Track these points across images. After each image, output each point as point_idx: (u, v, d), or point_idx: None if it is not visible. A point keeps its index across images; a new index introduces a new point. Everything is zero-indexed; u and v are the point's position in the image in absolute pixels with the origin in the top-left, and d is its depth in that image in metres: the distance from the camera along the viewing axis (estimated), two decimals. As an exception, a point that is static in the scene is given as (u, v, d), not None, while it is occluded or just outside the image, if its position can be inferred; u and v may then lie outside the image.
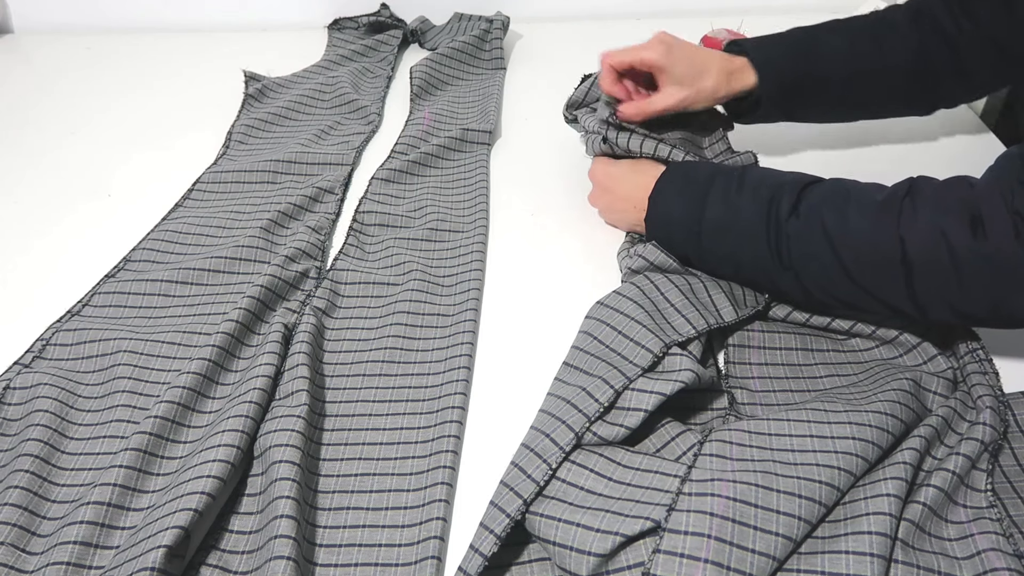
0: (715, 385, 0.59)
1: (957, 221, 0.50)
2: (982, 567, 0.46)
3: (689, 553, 0.44)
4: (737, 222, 0.59)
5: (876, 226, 0.53)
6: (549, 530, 0.47)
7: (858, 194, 0.56)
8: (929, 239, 0.51)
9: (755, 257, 0.59)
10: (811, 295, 0.58)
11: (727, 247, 0.61)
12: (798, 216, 0.56)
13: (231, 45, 1.19)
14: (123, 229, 0.81)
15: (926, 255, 0.51)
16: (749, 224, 0.59)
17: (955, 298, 0.52)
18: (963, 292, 0.51)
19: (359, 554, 0.50)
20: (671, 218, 0.64)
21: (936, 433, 0.52)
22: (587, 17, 1.20)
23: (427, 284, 0.70)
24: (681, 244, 0.64)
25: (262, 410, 0.56)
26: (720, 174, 0.63)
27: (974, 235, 0.50)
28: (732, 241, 0.60)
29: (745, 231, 0.59)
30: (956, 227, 0.50)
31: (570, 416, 0.52)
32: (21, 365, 0.65)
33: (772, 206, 0.58)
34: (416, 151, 0.88)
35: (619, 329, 0.58)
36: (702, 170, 0.64)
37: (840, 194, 0.56)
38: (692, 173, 0.65)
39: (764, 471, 0.48)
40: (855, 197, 0.55)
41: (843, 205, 0.55)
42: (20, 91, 1.11)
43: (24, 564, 0.50)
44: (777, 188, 0.58)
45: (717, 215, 0.60)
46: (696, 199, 0.62)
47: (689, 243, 0.63)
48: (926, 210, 0.52)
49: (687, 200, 0.63)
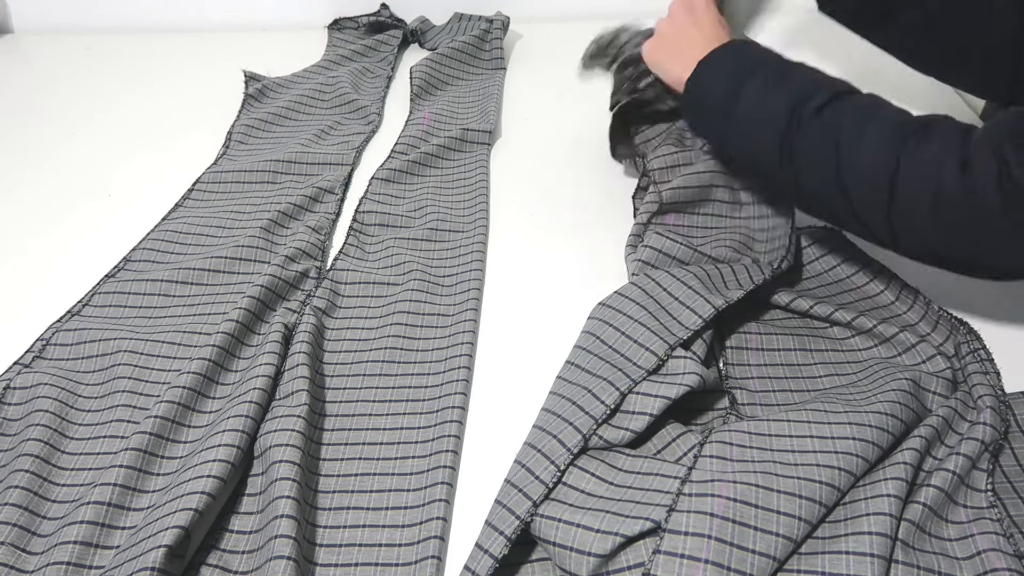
0: (716, 385, 0.59)
1: (952, 160, 0.51)
2: (982, 567, 0.46)
3: (689, 554, 0.44)
4: (765, 111, 0.61)
5: (882, 148, 0.54)
6: (549, 531, 0.47)
7: (883, 114, 0.56)
8: (923, 174, 0.52)
9: (767, 147, 0.60)
10: (802, 198, 0.61)
11: (747, 130, 0.62)
12: (821, 118, 0.57)
13: (231, 45, 1.19)
14: (123, 229, 0.81)
15: (913, 186, 0.52)
16: (774, 115, 0.60)
17: (925, 231, 0.53)
18: (934, 227, 0.52)
19: (359, 554, 0.50)
20: (711, 88, 0.65)
21: (936, 433, 0.52)
22: (587, 17, 1.20)
23: (427, 284, 0.70)
24: (711, 116, 0.66)
25: (262, 410, 0.56)
26: (771, 60, 0.64)
27: (961, 176, 0.51)
28: (753, 127, 0.62)
29: (768, 120, 0.60)
30: (948, 166, 0.51)
31: (576, 418, 0.52)
32: (21, 365, 0.65)
33: (801, 103, 0.59)
34: (416, 151, 0.88)
35: (622, 330, 0.58)
36: (756, 53, 0.65)
37: (867, 109, 0.57)
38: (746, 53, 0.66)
39: (764, 471, 0.48)
40: (878, 116, 0.56)
41: (865, 120, 0.56)
42: (20, 91, 1.11)
43: (24, 564, 0.50)
44: (814, 88, 0.59)
45: (750, 99, 0.62)
46: (739, 77, 0.63)
47: (717, 118, 0.65)
48: (930, 146, 0.53)
49: (731, 77, 0.64)
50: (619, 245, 0.73)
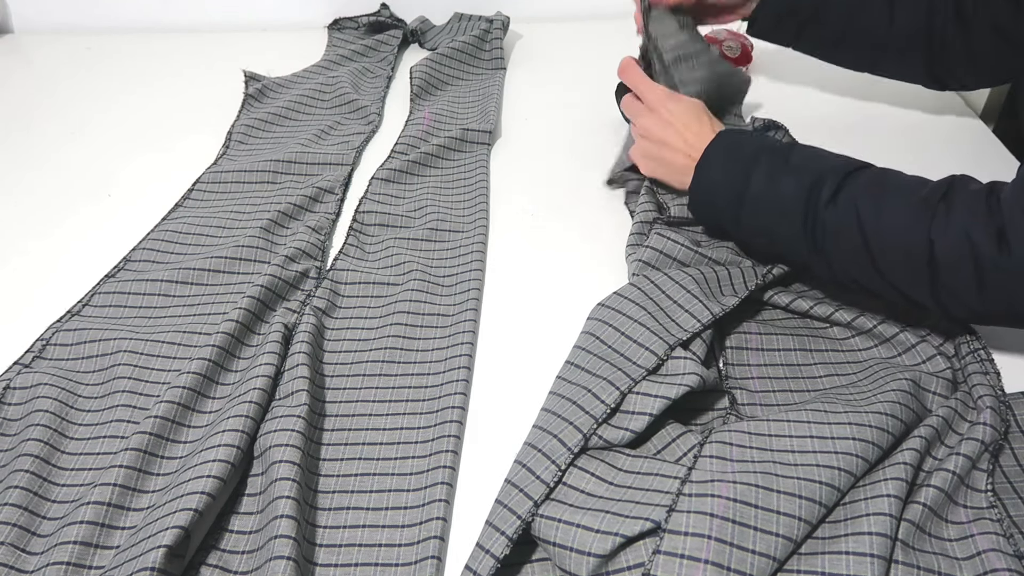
0: (716, 385, 0.59)
1: (984, 231, 0.51)
2: (982, 567, 0.46)
3: (689, 554, 0.44)
4: (777, 200, 0.61)
5: (909, 224, 0.54)
6: (549, 531, 0.47)
7: (898, 188, 0.56)
8: (957, 245, 0.52)
9: (790, 236, 0.60)
10: (837, 278, 0.60)
11: (764, 221, 0.62)
12: (836, 205, 0.57)
13: (231, 45, 1.19)
14: (123, 229, 0.81)
15: (952, 260, 0.52)
16: (788, 204, 0.60)
17: (975, 302, 0.54)
18: (983, 298, 0.53)
19: (359, 554, 0.50)
20: (715, 189, 0.65)
21: (936, 433, 0.52)
22: (587, 17, 1.20)
23: (427, 284, 0.70)
24: (721, 213, 0.65)
25: (262, 410, 0.56)
26: (766, 151, 0.64)
27: (999, 248, 0.51)
28: (770, 218, 0.62)
29: (783, 210, 0.60)
30: (983, 237, 0.51)
31: (577, 417, 0.52)
32: (21, 365, 0.65)
33: (813, 191, 0.58)
34: (416, 151, 0.88)
35: (622, 330, 0.58)
36: (749, 144, 0.65)
37: (880, 186, 0.57)
38: (738, 145, 0.66)
39: (764, 472, 0.48)
40: (894, 191, 0.56)
41: (880, 198, 0.56)
42: (20, 91, 1.11)
43: (24, 564, 0.50)
44: (820, 174, 0.59)
45: (759, 191, 0.62)
46: (741, 172, 0.63)
47: (728, 213, 0.64)
48: (958, 216, 0.53)
49: (733, 173, 0.64)
50: (619, 245, 0.73)
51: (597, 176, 0.84)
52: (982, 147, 0.85)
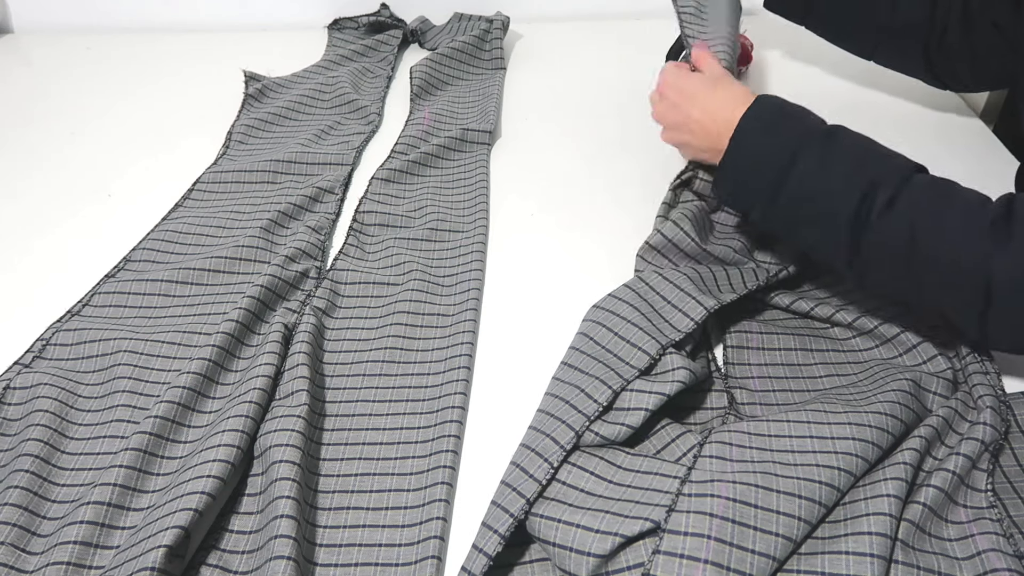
0: (712, 384, 0.59)
1: None
2: (982, 567, 0.46)
3: (689, 554, 0.44)
4: (826, 192, 0.54)
5: (969, 246, 0.50)
6: (549, 531, 0.47)
7: (957, 204, 0.52)
8: (1019, 276, 0.49)
9: (829, 234, 0.55)
10: (864, 284, 0.56)
11: (805, 213, 0.55)
12: (892, 212, 0.52)
13: (231, 45, 1.19)
14: (123, 229, 0.81)
15: (1011, 291, 0.49)
16: (838, 199, 0.53)
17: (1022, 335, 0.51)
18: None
19: (359, 554, 0.50)
20: (754, 161, 0.57)
21: (936, 433, 0.52)
22: (587, 17, 1.20)
23: (427, 284, 0.70)
24: (754, 193, 0.58)
25: (262, 410, 0.56)
26: (818, 130, 0.56)
27: None
28: (814, 209, 0.55)
29: (830, 204, 0.54)
30: None
31: (569, 416, 0.52)
32: (21, 365, 0.65)
33: (869, 191, 0.53)
34: (416, 151, 0.88)
35: (615, 331, 0.58)
36: (792, 118, 0.57)
37: (940, 200, 0.52)
38: (781, 119, 0.58)
39: (764, 472, 0.48)
40: (954, 208, 0.51)
41: (941, 214, 0.51)
42: (20, 91, 1.11)
43: (24, 564, 0.50)
44: (878, 172, 0.53)
45: (808, 174, 0.54)
46: (786, 150, 0.55)
47: (763, 194, 0.57)
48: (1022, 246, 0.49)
49: (777, 148, 0.56)
50: (619, 245, 0.73)
51: (597, 176, 0.84)
52: (982, 147, 0.85)
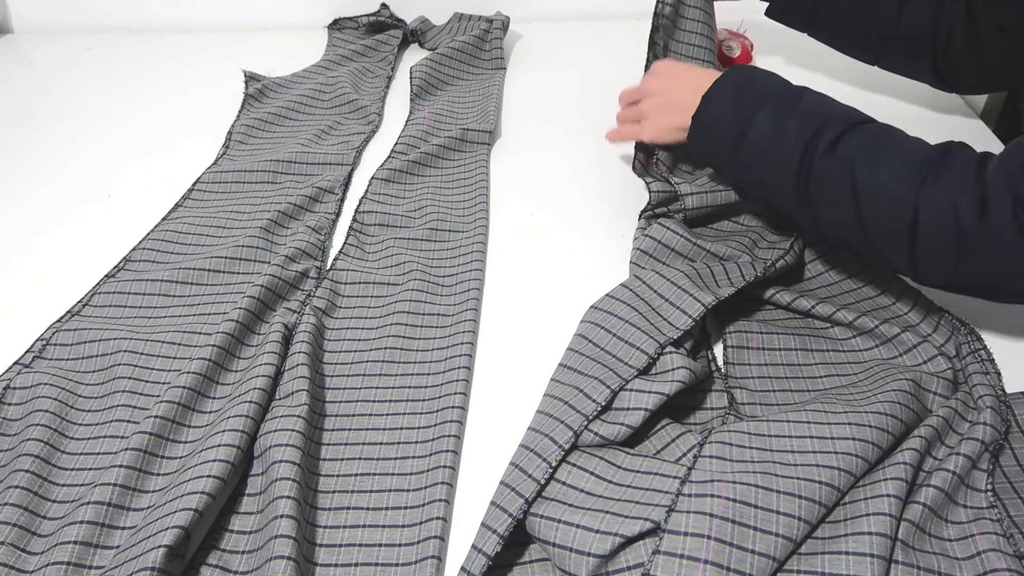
0: (712, 384, 0.59)
1: (969, 200, 0.51)
2: (982, 568, 0.46)
3: (689, 554, 0.44)
4: (777, 144, 0.60)
5: (899, 184, 0.54)
6: (549, 531, 0.47)
7: (896, 147, 0.56)
8: (941, 212, 0.52)
9: (783, 181, 0.60)
10: (822, 233, 0.60)
11: (760, 164, 0.61)
12: (833, 154, 0.57)
13: (231, 45, 1.19)
14: (123, 229, 0.81)
15: (934, 226, 0.53)
16: (787, 149, 0.59)
17: (950, 271, 0.54)
18: (959, 266, 0.53)
19: (359, 554, 0.50)
20: (719, 121, 0.64)
21: (936, 433, 0.52)
22: (587, 17, 1.20)
23: (427, 284, 0.70)
24: (721, 151, 0.64)
25: (262, 410, 0.56)
26: (778, 92, 0.62)
27: (980, 216, 0.51)
28: (766, 161, 0.61)
29: (781, 153, 0.59)
30: (967, 205, 0.51)
31: (568, 416, 0.52)
32: (21, 365, 0.65)
33: (813, 137, 0.58)
34: (416, 151, 0.88)
35: (613, 331, 0.58)
36: (762, 81, 0.64)
37: (879, 142, 0.56)
38: (752, 82, 0.64)
39: (764, 472, 0.48)
40: (892, 150, 0.56)
41: (877, 156, 0.55)
42: (20, 91, 1.11)
43: (24, 564, 0.50)
44: (824, 121, 0.58)
45: (762, 131, 0.61)
46: (747, 109, 0.62)
47: (727, 151, 0.63)
48: (946, 183, 0.53)
49: (739, 108, 0.63)
50: (618, 245, 0.73)
51: (597, 176, 0.84)
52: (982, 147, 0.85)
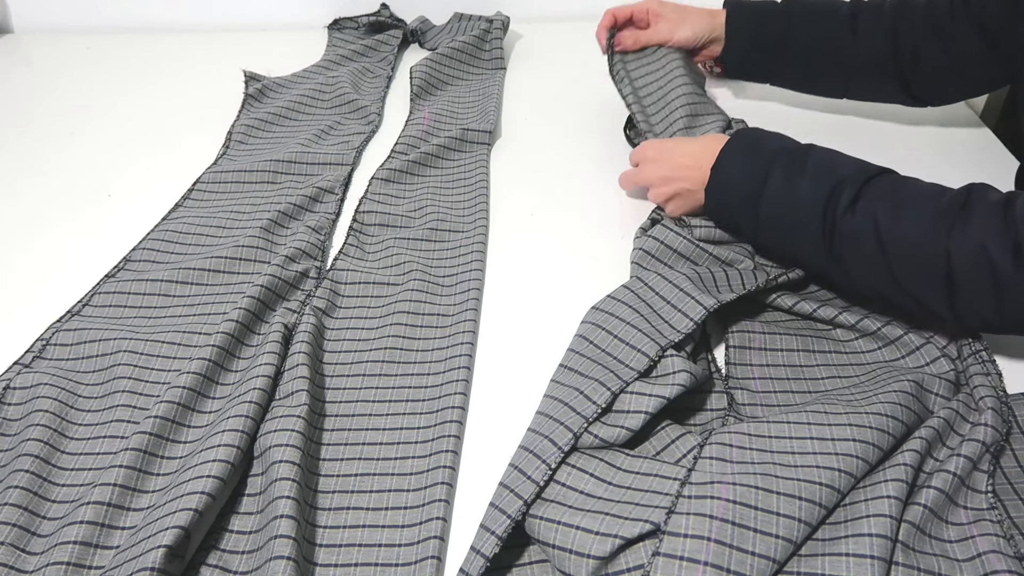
0: (713, 385, 0.59)
1: (1002, 245, 0.51)
2: (983, 569, 0.46)
3: (689, 556, 0.44)
4: (795, 205, 0.60)
5: (927, 236, 0.54)
6: (548, 533, 0.47)
7: (916, 197, 0.56)
8: (974, 258, 0.52)
9: (808, 243, 0.60)
10: (856, 286, 0.60)
11: (782, 226, 0.62)
12: (854, 214, 0.57)
13: (231, 45, 1.19)
14: (123, 229, 0.81)
15: (970, 273, 0.53)
16: (806, 209, 0.59)
17: (992, 315, 0.54)
18: (1000, 311, 0.53)
19: (359, 554, 0.50)
20: (732, 187, 0.64)
21: (937, 434, 0.52)
22: (587, 17, 1.20)
23: (427, 284, 0.70)
24: (738, 214, 0.65)
25: (262, 410, 0.56)
26: (785, 150, 0.63)
27: (1016, 261, 0.51)
28: (788, 222, 0.61)
29: (801, 216, 0.60)
30: (1000, 251, 0.51)
31: (568, 418, 0.52)
32: (21, 365, 0.65)
33: (831, 198, 0.58)
34: (416, 151, 0.88)
35: (614, 333, 0.58)
36: (768, 142, 0.64)
37: (898, 195, 0.56)
38: (757, 144, 0.65)
39: (764, 473, 0.47)
40: (912, 200, 0.56)
41: (899, 208, 0.55)
42: (20, 91, 1.11)
43: (24, 564, 0.50)
44: (839, 179, 0.58)
45: (777, 192, 0.61)
46: (759, 171, 0.62)
47: (746, 214, 0.64)
48: (975, 229, 0.52)
49: (750, 171, 0.63)
50: (619, 245, 0.73)
51: (597, 176, 0.84)
52: (982, 147, 0.85)
